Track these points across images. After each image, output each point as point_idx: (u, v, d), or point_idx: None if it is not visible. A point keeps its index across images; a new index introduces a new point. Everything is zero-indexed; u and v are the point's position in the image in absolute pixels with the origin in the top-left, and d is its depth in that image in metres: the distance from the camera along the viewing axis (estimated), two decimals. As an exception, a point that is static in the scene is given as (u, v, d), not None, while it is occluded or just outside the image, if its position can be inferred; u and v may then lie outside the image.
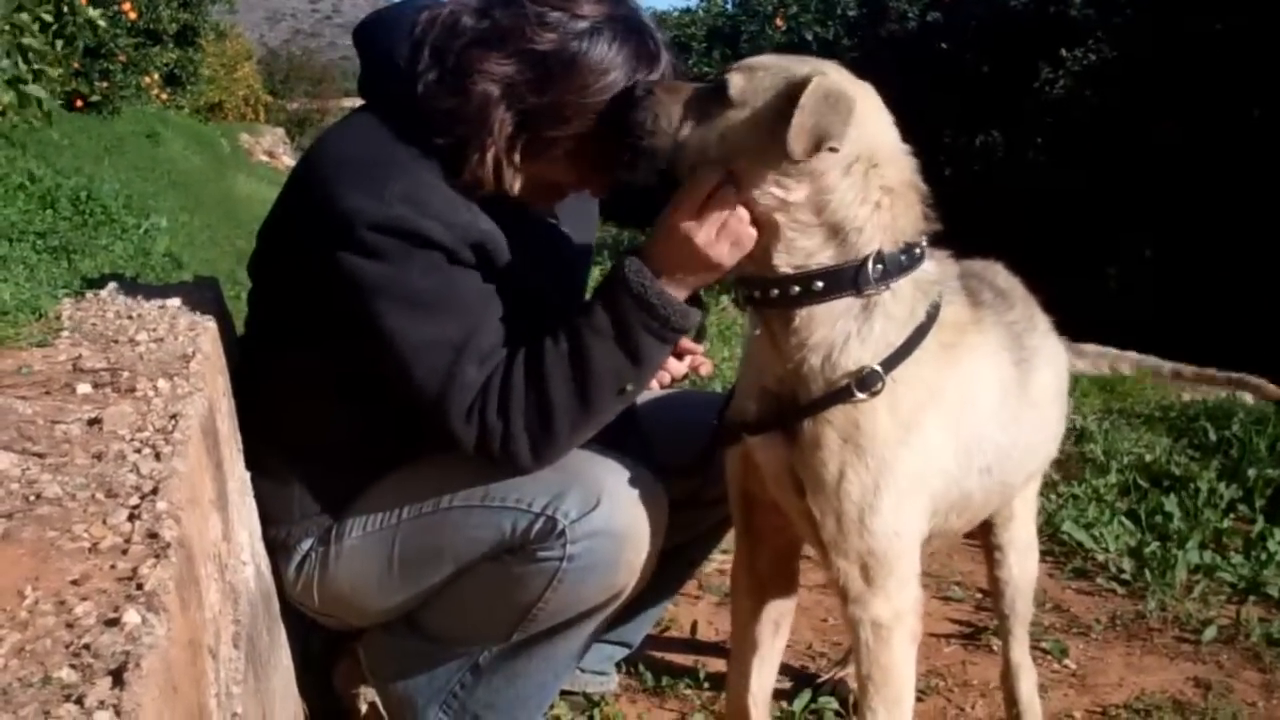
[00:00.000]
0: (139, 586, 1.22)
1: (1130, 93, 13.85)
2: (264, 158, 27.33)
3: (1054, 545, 4.35)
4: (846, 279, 2.10)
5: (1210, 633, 3.58)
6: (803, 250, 2.10)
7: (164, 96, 20.10)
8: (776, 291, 2.13)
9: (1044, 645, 3.49)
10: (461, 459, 2.30)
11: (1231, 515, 4.66)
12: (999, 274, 2.57)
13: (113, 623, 1.15)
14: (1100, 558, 4.21)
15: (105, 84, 13.01)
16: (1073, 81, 15.11)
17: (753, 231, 2.10)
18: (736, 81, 2.11)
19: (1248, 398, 6.46)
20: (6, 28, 5.43)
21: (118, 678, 1.06)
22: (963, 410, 2.24)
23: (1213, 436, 5.76)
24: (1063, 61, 15.11)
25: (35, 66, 5.57)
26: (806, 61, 2.15)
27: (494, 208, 2.31)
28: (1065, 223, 14.21)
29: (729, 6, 24.83)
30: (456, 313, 2.23)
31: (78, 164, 7.29)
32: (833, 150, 2.02)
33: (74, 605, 1.19)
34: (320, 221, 2.24)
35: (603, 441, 2.36)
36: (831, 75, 2.09)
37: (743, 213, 2.09)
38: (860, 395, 2.10)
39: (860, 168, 2.08)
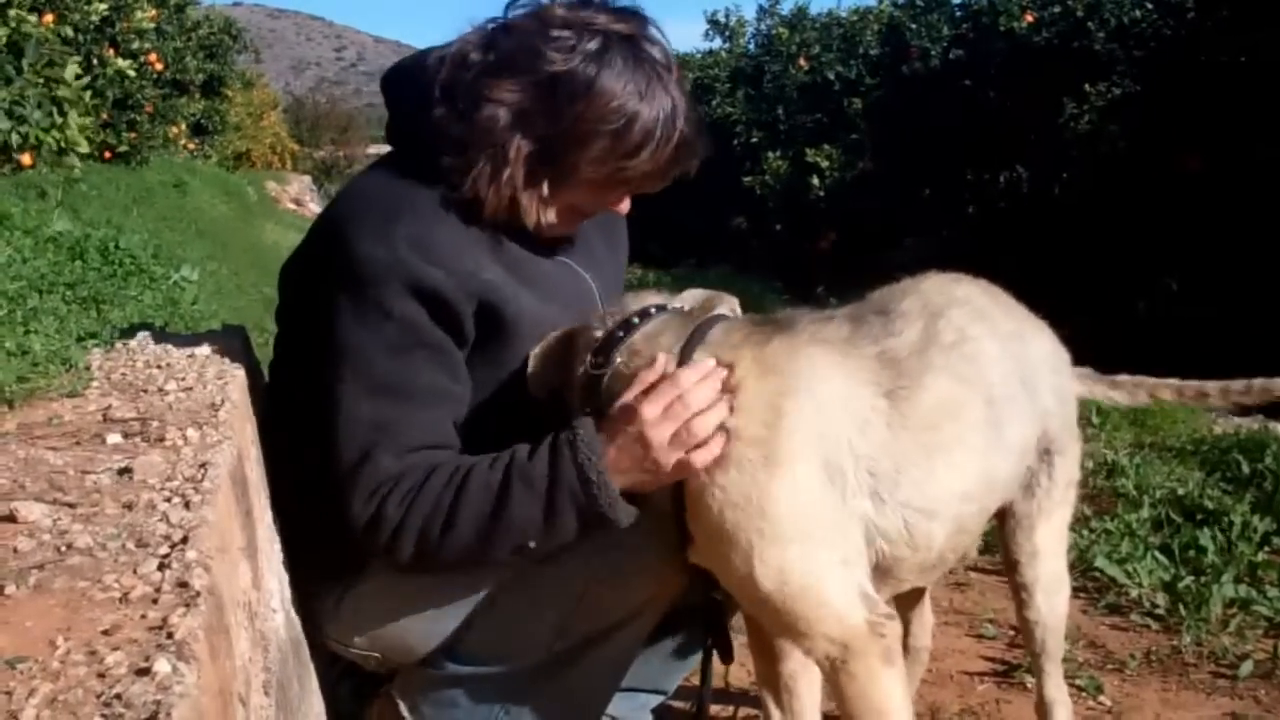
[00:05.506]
0: (169, 636, 1.23)
1: (1155, 126, 13.82)
2: (291, 205, 27.47)
3: (1087, 581, 4.31)
4: None
5: (1247, 668, 3.54)
6: None
7: (191, 146, 20.29)
8: None
9: (1079, 682, 3.45)
10: None
11: (1266, 548, 4.60)
12: (904, 295, 2.41)
13: (144, 672, 1.15)
14: (1134, 593, 4.17)
15: (133, 135, 13.15)
16: (1097, 116, 15.07)
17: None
18: None
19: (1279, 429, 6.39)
20: (40, 82, 5.51)
21: (149, 728, 1.07)
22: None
23: (1245, 469, 5.70)
24: (1087, 96, 15.09)
25: (73, 120, 5.67)
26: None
27: (504, 254, 2.33)
28: (1092, 257, 14.15)
29: (752, 47, 24.90)
30: (398, 401, 2.23)
31: (106, 214, 7.36)
32: None
33: (105, 655, 1.19)
34: (330, 264, 2.27)
35: None
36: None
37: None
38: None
39: None
